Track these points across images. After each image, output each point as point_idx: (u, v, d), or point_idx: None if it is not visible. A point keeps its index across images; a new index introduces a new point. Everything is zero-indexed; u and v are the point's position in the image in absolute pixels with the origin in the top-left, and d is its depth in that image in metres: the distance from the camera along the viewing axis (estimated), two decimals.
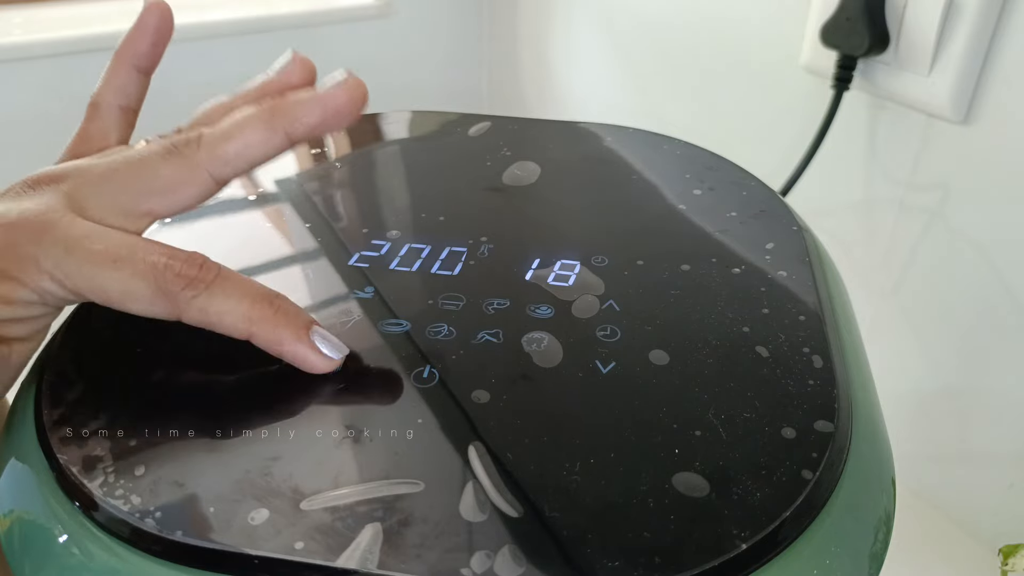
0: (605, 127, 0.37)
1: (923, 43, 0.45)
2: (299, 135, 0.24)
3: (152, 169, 0.24)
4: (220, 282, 0.22)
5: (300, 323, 0.23)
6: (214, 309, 0.22)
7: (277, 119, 0.24)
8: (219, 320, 0.22)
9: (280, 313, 0.22)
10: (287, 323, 0.22)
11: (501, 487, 0.19)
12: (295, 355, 0.22)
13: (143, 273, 0.22)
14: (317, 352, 0.22)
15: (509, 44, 0.89)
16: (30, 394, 0.23)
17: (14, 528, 0.20)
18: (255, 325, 0.22)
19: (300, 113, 0.24)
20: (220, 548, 0.18)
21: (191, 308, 0.22)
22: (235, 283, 0.23)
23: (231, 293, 0.22)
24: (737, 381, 0.22)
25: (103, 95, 0.28)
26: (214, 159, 0.24)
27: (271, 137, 0.24)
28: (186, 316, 0.22)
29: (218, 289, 0.22)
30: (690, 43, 0.65)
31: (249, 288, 0.23)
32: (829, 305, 0.26)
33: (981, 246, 0.47)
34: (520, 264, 0.27)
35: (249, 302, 0.22)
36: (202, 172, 0.24)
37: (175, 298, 0.22)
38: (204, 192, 0.24)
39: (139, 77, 0.28)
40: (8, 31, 0.68)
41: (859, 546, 0.20)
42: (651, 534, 0.18)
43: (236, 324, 0.22)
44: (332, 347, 0.22)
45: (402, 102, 0.47)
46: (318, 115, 0.24)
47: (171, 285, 0.22)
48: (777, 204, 0.31)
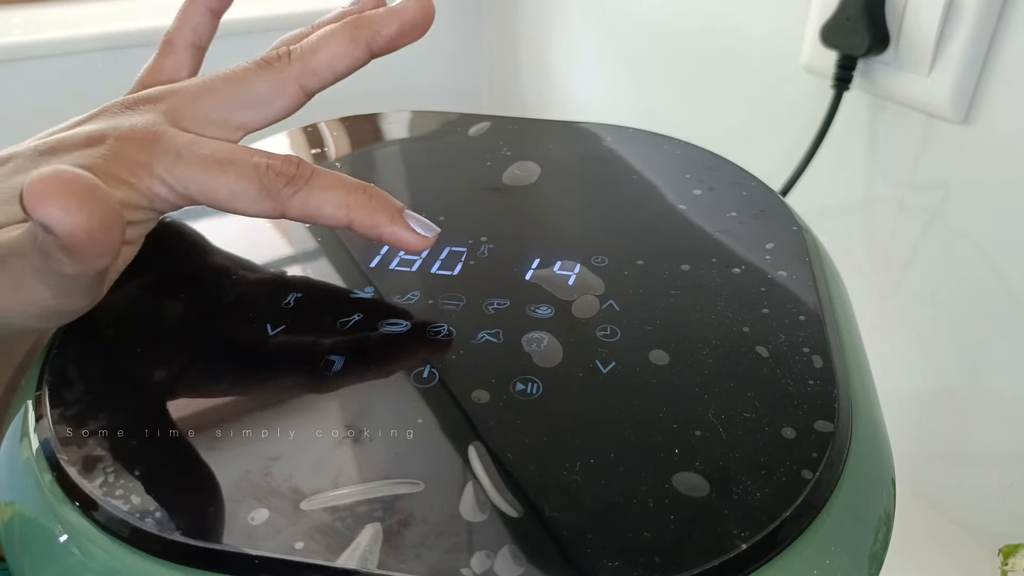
0: (605, 127, 0.37)
1: (923, 43, 0.45)
2: (379, 46, 0.26)
3: (246, 83, 0.25)
4: (317, 177, 0.24)
5: (394, 208, 0.25)
6: (314, 201, 0.24)
7: (360, 31, 0.26)
8: (319, 211, 0.24)
9: (375, 199, 0.24)
10: (383, 208, 0.24)
11: (501, 487, 0.19)
12: (393, 235, 0.24)
13: (248, 174, 0.23)
14: (412, 232, 0.24)
15: (509, 44, 0.89)
16: (30, 393, 0.23)
17: (14, 528, 0.20)
18: (353, 211, 0.24)
19: (379, 25, 0.26)
20: (220, 548, 0.18)
21: (293, 203, 0.24)
22: (330, 177, 0.24)
23: (328, 185, 0.24)
24: (737, 381, 0.22)
25: (178, 33, 0.29)
26: (305, 71, 0.26)
27: (354, 48, 0.26)
28: (290, 211, 0.24)
29: (316, 183, 0.24)
30: (690, 43, 0.65)
31: (343, 179, 0.24)
32: (829, 305, 0.26)
33: (981, 246, 0.47)
34: (520, 264, 0.27)
35: (345, 191, 0.24)
36: (293, 83, 0.26)
37: (278, 195, 0.24)
38: (295, 103, 0.26)
39: (212, 19, 0.30)
40: (8, 31, 0.68)
41: (859, 546, 0.20)
42: (651, 534, 0.18)
43: (335, 213, 0.24)
44: (425, 227, 0.25)
45: (402, 102, 0.47)
46: (395, 26, 0.26)
47: (275, 183, 0.23)
48: (777, 204, 0.31)
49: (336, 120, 0.39)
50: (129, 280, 0.26)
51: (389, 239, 0.24)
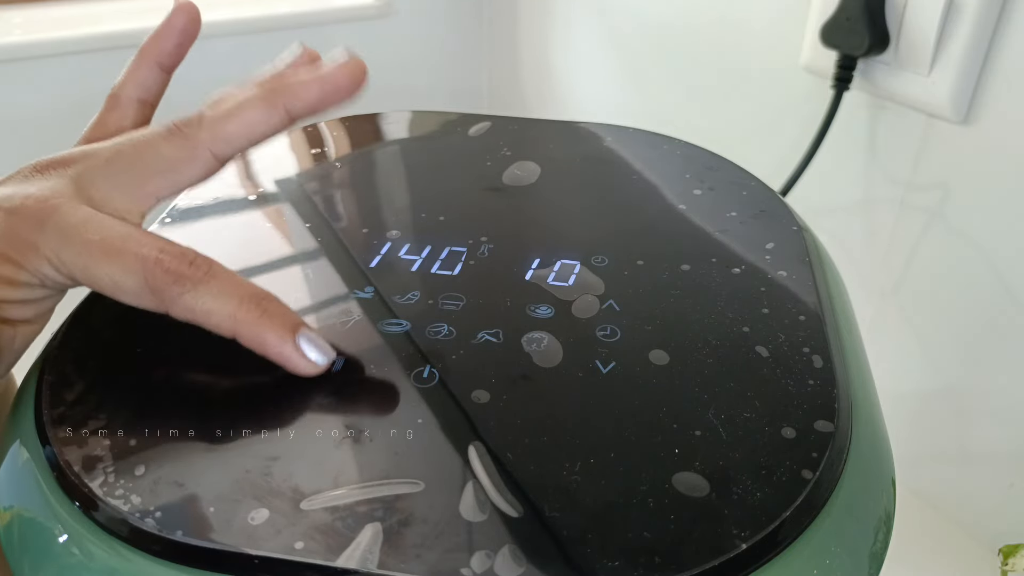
0: (605, 127, 0.37)
1: (923, 43, 0.45)
2: (299, 112, 0.25)
3: (155, 149, 0.24)
4: (208, 280, 0.23)
5: (286, 325, 0.23)
6: (200, 307, 0.22)
7: (277, 96, 0.25)
8: (205, 319, 0.22)
9: (266, 316, 0.23)
10: (272, 325, 0.22)
11: (501, 487, 0.19)
12: (280, 357, 0.22)
13: (133, 268, 0.22)
14: (301, 355, 0.22)
15: (509, 44, 0.89)
16: (30, 394, 0.23)
17: (14, 527, 0.20)
18: (240, 325, 0.22)
19: (300, 91, 0.25)
20: (220, 548, 0.18)
21: (177, 305, 0.22)
22: (224, 282, 0.23)
23: (218, 292, 0.22)
24: (737, 381, 0.22)
25: (124, 88, 0.29)
26: (215, 138, 0.24)
27: (271, 115, 0.25)
28: (173, 311, 0.22)
29: (204, 288, 0.22)
30: (690, 43, 0.65)
31: (237, 288, 0.23)
32: (829, 305, 0.26)
33: (981, 246, 0.47)
34: (520, 264, 0.27)
35: (236, 303, 0.22)
36: (203, 151, 0.24)
37: (162, 294, 0.22)
38: (206, 170, 0.25)
39: (160, 74, 0.29)
40: (8, 31, 0.68)
41: (859, 546, 0.20)
42: (651, 534, 0.18)
43: (221, 323, 0.22)
44: (318, 351, 0.23)
45: (402, 102, 0.47)
46: (317, 94, 0.25)
47: (159, 281, 0.22)
48: (777, 204, 0.31)
49: (336, 120, 0.39)
50: None
51: (275, 359, 0.22)
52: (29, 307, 0.24)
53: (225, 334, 0.23)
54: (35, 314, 0.24)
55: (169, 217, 0.30)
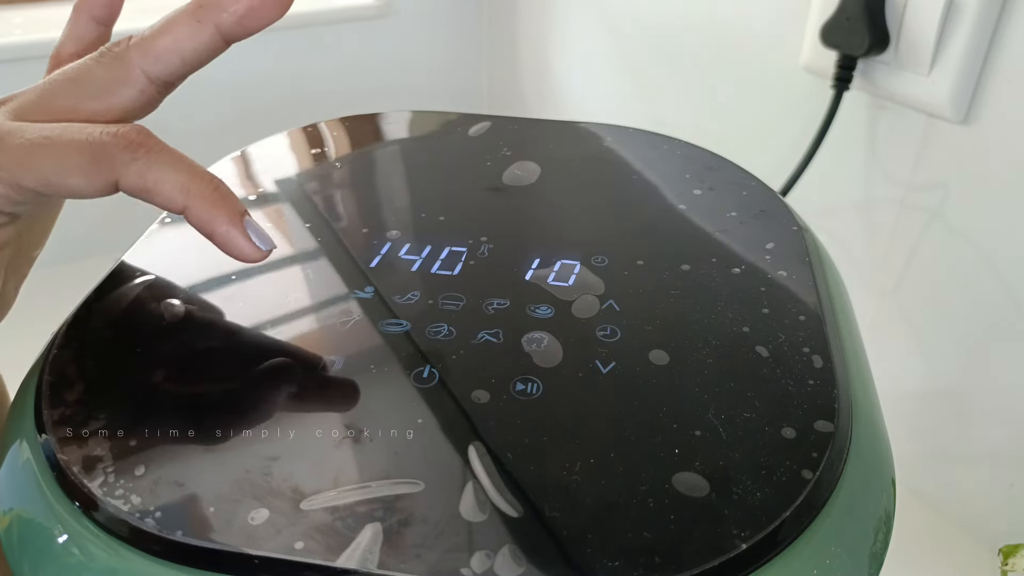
0: (605, 127, 0.37)
1: (923, 43, 0.45)
2: (228, 26, 0.24)
3: (87, 73, 0.24)
4: (162, 151, 0.22)
5: (235, 208, 0.23)
6: (152, 175, 0.22)
7: (204, 10, 0.24)
8: (155, 187, 0.22)
9: (218, 193, 0.22)
10: (224, 204, 0.22)
11: (501, 487, 0.19)
12: (226, 236, 0.22)
13: (77, 142, 0.22)
14: (247, 239, 0.22)
15: (509, 44, 0.89)
16: (30, 394, 0.23)
17: (14, 528, 0.20)
18: (192, 198, 0.22)
19: (226, 2, 0.24)
20: (220, 548, 0.18)
21: (129, 172, 0.22)
22: (178, 156, 0.22)
23: (172, 163, 0.22)
24: (737, 381, 0.22)
25: (64, 46, 0.28)
26: (145, 55, 0.24)
27: (199, 30, 0.24)
28: (124, 181, 0.22)
29: (158, 156, 0.22)
30: (690, 43, 0.65)
31: (191, 163, 0.23)
32: (829, 305, 0.26)
33: (981, 246, 0.47)
34: (520, 264, 0.27)
35: (190, 174, 0.22)
36: (135, 70, 0.24)
37: (112, 160, 0.22)
38: (142, 92, 0.24)
39: (97, 27, 0.29)
40: (8, 31, 0.68)
41: (859, 546, 0.20)
42: (651, 534, 0.18)
43: (173, 193, 0.22)
44: (262, 239, 0.23)
45: (402, 102, 0.47)
46: (244, 3, 0.24)
47: (108, 147, 0.22)
48: (777, 204, 0.31)
49: (336, 120, 0.39)
50: (129, 280, 0.26)
51: (221, 238, 0.22)
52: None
53: (175, 206, 0.22)
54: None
55: (169, 217, 0.30)
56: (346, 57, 0.85)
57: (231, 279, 0.27)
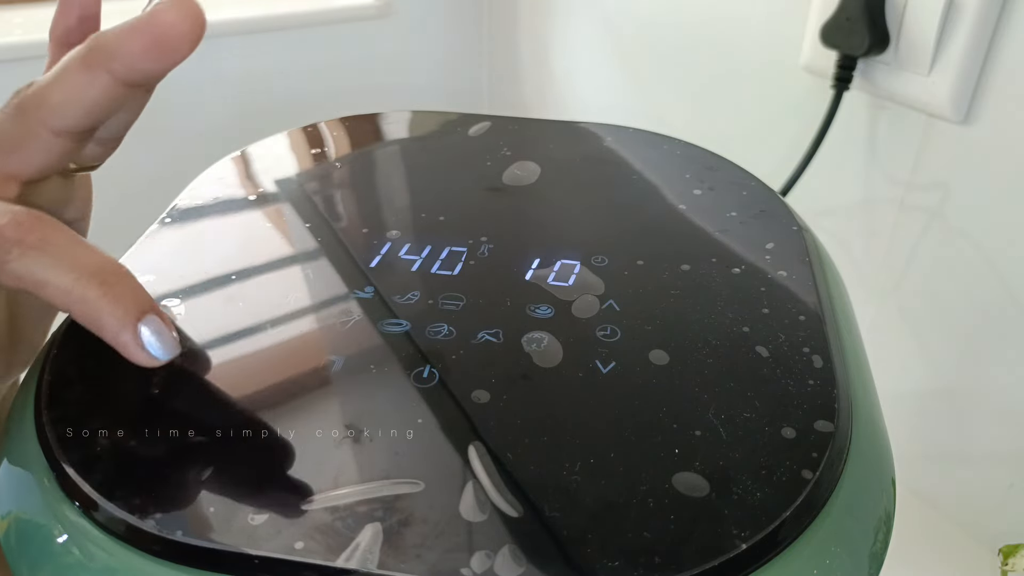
0: (605, 127, 0.37)
1: (923, 43, 0.45)
2: (123, 73, 0.21)
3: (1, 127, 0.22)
4: (42, 247, 0.20)
5: (130, 309, 0.20)
6: (30, 277, 0.20)
7: (94, 55, 0.21)
8: (37, 290, 0.20)
9: (107, 297, 0.20)
10: (113, 309, 0.20)
11: (501, 487, 0.19)
12: (115, 343, 0.20)
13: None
14: (139, 346, 0.20)
15: (509, 44, 0.89)
16: (30, 394, 0.23)
17: (13, 528, 0.20)
18: (75, 304, 0.20)
19: (117, 46, 0.20)
20: (220, 548, 0.18)
21: (3, 273, 0.20)
22: (62, 251, 0.20)
23: (52, 263, 0.20)
24: (737, 381, 0.22)
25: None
26: (40, 109, 0.21)
27: (93, 79, 0.21)
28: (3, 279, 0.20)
29: (36, 255, 0.20)
30: (690, 43, 0.65)
31: (78, 259, 0.20)
32: (829, 305, 0.26)
33: (981, 246, 0.47)
34: (520, 264, 0.27)
35: (74, 276, 0.20)
36: (38, 127, 0.21)
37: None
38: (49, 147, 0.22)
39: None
40: (8, 31, 0.68)
41: (859, 546, 0.20)
42: (651, 534, 0.18)
43: (55, 298, 0.20)
44: (162, 344, 0.21)
45: (402, 102, 0.47)
46: (139, 43, 0.20)
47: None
48: (777, 204, 0.31)
49: (336, 120, 0.39)
50: None
51: (111, 344, 0.21)
52: None
53: (62, 311, 0.21)
54: None
55: (169, 217, 0.30)
56: (346, 57, 0.85)
57: (231, 279, 0.27)
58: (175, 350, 0.21)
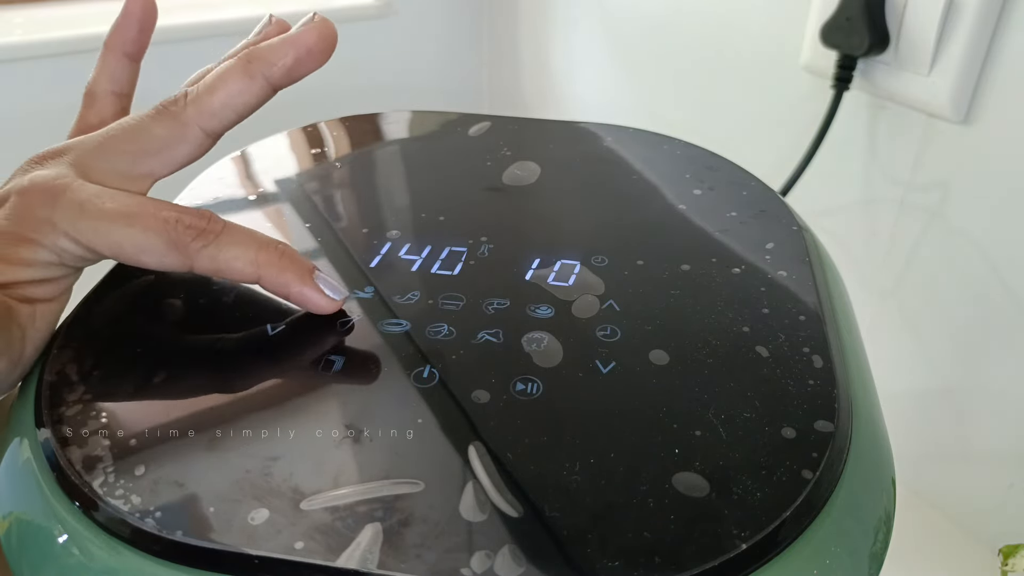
0: (605, 127, 0.37)
1: (923, 43, 0.45)
2: (277, 78, 0.26)
3: (145, 131, 0.25)
4: (228, 232, 0.24)
5: (304, 268, 0.24)
6: (223, 256, 0.24)
7: (254, 65, 0.25)
8: (228, 266, 0.24)
9: (285, 258, 0.24)
10: (292, 267, 0.24)
11: (501, 487, 0.19)
12: (301, 296, 0.24)
13: (155, 227, 0.23)
14: (321, 293, 0.24)
15: (509, 44, 0.89)
16: (30, 394, 0.23)
17: (13, 528, 0.20)
18: (262, 269, 0.24)
19: (274, 56, 0.25)
20: (220, 548, 0.18)
21: (202, 257, 0.24)
22: (242, 232, 0.24)
23: (238, 241, 0.24)
24: (737, 381, 0.22)
25: (98, 83, 0.29)
26: (202, 113, 0.25)
27: (251, 84, 0.25)
28: (197, 265, 0.24)
29: (226, 238, 0.24)
30: (690, 43, 0.65)
31: (256, 236, 0.25)
32: (829, 305, 0.26)
33: (981, 246, 0.47)
34: (520, 264, 0.27)
35: (256, 248, 0.24)
36: (192, 128, 0.25)
37: (186, 248, 0.23)
38: (197, 147, 0.26)
39: (129, 64, 0.29)
40: (8, 31, 0.68)
41: (859, 546, 0.20)
42: (651, 534, 0.18)
43: (244, 269, 0.24)
44: (333, 289, 0.25)
45: (402, 102, 0.47)
46: (291, 55, 0.25)
47: (182, 236, 0.23)
48: (777, 204, 0.31)
49: (336, 120, 0.39)
50: (129, 280, 0.26)
51: (297, 299, 0.24)
52: (48, 286, 0.24)
53: (248, 279, 0.24)
54: (54, 293, 0.25)
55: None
56: (346, 57, 0.85)
57: None
58: (345, 292, 0.25)
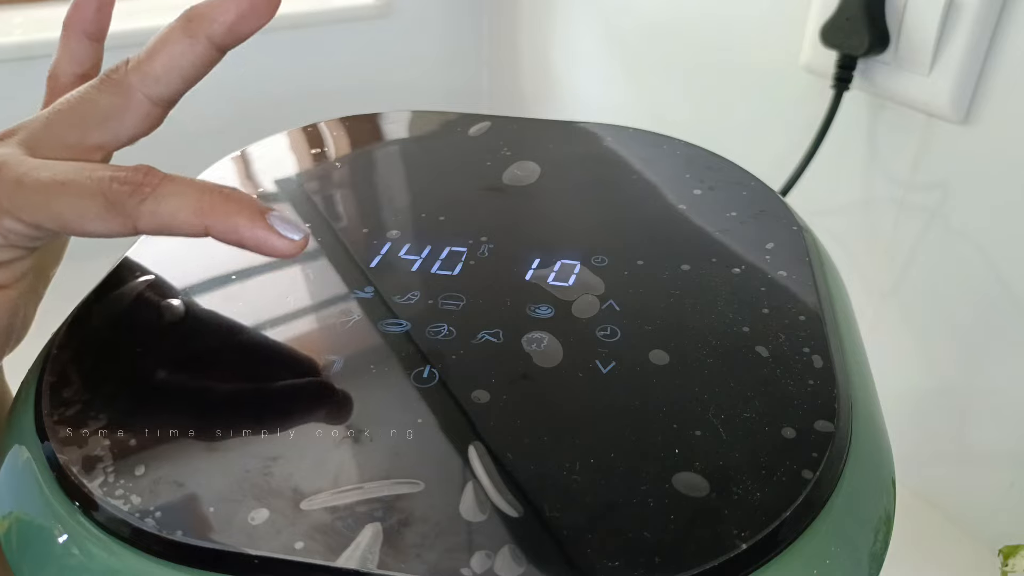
0: (605, 127, 0.37)
1: (923, 43, 0.45)
2: (220, 36, 0.24)
3: (90, 102, 0.24)
4: (166, 182, 0.22)
5: (254, 208, 0.22)
6: (164, 210, 0.22)
7: (194, 24, 0.24)
8: (172, 220, 0.22)
9: (232, 200, 0.22)
10: (240, 209, 0.22)
11: (501, 487, 0.19)
12: (255, 239, 0.22)
13: (91, 190, 0.22)
14: (276, 234, 0.22)
15: (509, 44, 0.89)
16: (30, 394, 0.23)
17: (13, 528, 0.20)
18: (208, 216, 0.22)
19: (215, 13, 0.24)
20: (220, 548, 0.18)
21: (142, 214, 0.22)
22: (183, 181, 0.22)
23: (178, 191, 0.22)
24: (737, 381, 0.22)
25: (59, 65, 0.28)
26: (144, 78, 0.24)
27: (193, 44, 0.24)
28: (140, 224, 0.22)
29: (165, 189, 0.22)
30: (690, 43, 0.65)
31: (197, 183, 0.22)
32: (829, 305, 0.26)
33: (981, 246, 0.47)
34: (520, 264, 0.27)
35: (198, 194, 0.22)
36: (136, 95, 0.24)
37: (124, 207, 0.22)
38: (145, 115, 0.24)
39: (90, 44, 0.29)
40: (8, 31, 0.68)
41: (859, 546, 0.20)
42: (651, 534, 0.18)
43: (189, 219, 0.22)
44: (291, 228, 0.22)
45: (402, 102, 0.47)
46: (233, 11, 0.24)
47: (119, 195, 0.22)
48: (777, 204, 0.31)
49: (336, 120, 0.39)
50: (129, 280, 0.26)
51: (251, 243, 0.22)
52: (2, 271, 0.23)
53: (196, 231, 0.22)
54: (9, 278, 0.23)
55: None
56: (346, 57, 0.85)
57: (231, 279, 0.27)
58: (305, 231, 0.23)
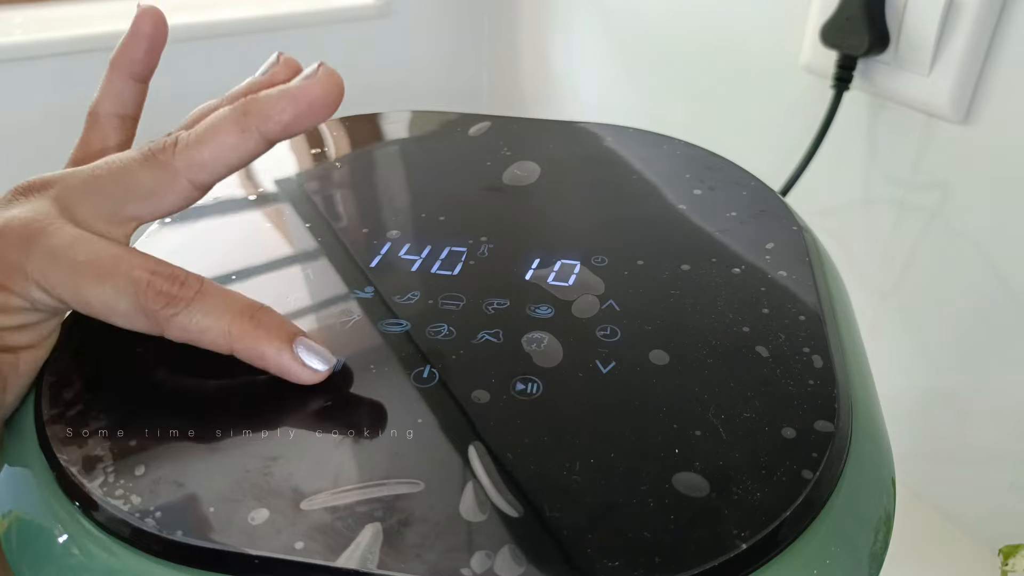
0: (605, 127, 0.37)
1: (923, 43, 0.45)
2: (274, 134, 0.23)
3: (132, 175, 0.23)
4: (200, 299, 0.22)
5: (283, 336, 0.22)
6: (194, 327, 0.22)
7: (250, 119, 0.23)
8: (200, 337, 0.22)
9: (261, 328, 0.22)
10: (268, 337, 0.22)
11: (501, 487, 0.19)
12: (279, 368, 0.22)
13: (125, 289, 0.22)
14: (301, 364, 0.22)
15: (509, 44, 0.89)
16: (30, 394, 0.23)
17: (13, 528, 0.20)
18: (236, 341, 0.22)
19: (272, 111, 0.23)
20: (220, 548, 0.18)
21: (172, 326, 0.22)
22: (216, 299, 0.22)
23: (210, 310, 0.22)
24: (737, 381, 0.22)
25: (101, 104, 0.28)
26: (191, 165, 0.23)
27: (245, 139, 0.23)
28: (168, 333, 0.22)
29: (197, 306, 0.22)
30: (690, 43, 0.65)
31: (230, 304, 0.22)
32: (829, 305, 0.26)
33: (981, 246, 0.47)
34: (520, 264, 0.27)
35: (229, 318, 0.22)
36: (180, 179, 0.23)
37: (156, 316, 0.22)
38: (185, 197, 0.24)
39: (135, 85, 0.28)
40: (8, 31, 0.68)
41: (859, 546, 0.20)
42: (651, 534, 0.18)
43: (216, 340, 0.22)
44: (318, 358, 0.22)
45: (402, 102, 0.47)
46: (290, 111, 0.23)
47: (151, 303, 0.22)
48: (777, 204, 0.31)
49: (336, 120, 0.39)
50: None
51: (275, 370, 0.22)
52: (27, 332, 0.23)
53: (222, 351, 0.22)
54: (34, 339, 0.23)
55: (169, 217, 0.30)
56: (346, 57, 0.85)
57: (231, 279, 0.27)
58: (331, 360, 0.23)
